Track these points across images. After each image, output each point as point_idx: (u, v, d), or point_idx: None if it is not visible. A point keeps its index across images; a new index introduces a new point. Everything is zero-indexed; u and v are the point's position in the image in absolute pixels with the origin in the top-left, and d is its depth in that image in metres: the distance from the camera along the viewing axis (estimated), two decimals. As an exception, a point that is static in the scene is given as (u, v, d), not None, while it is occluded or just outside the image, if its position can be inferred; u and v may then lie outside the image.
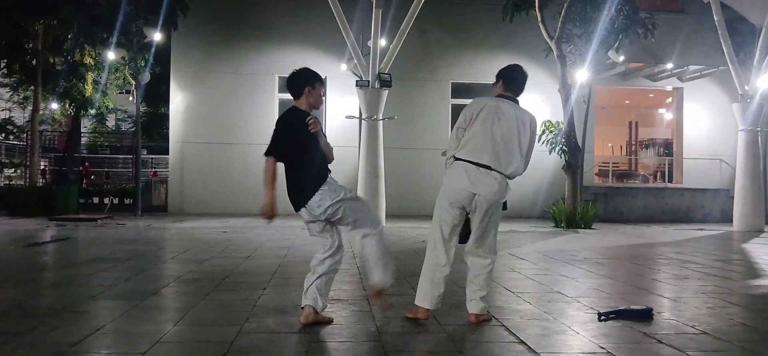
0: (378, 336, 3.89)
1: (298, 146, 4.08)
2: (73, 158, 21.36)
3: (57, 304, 4.78)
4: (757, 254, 9.02)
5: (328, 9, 13.50)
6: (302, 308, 4.13)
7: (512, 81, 4.27)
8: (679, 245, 10.19)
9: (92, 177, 22.24)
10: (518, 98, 4.30)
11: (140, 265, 6.97)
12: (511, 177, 4.17)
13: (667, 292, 5.72)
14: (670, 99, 19.87)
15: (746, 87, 14.27)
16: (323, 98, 4.41)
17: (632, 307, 4.60)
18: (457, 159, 4.12)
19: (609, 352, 3.60)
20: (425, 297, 4.20)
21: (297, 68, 4.35)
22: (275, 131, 4.15)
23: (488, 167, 4.05)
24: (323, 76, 20.11)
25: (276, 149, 4.08)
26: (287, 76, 4.38)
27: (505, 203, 4.21)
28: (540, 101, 16.59)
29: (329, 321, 4.17)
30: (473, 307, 4.21)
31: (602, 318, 4.34)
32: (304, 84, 4.27)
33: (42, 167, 21.23)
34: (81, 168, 21.39)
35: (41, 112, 19.53)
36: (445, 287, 4.25)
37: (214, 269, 6.63)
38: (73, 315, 4.40)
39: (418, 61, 17.25)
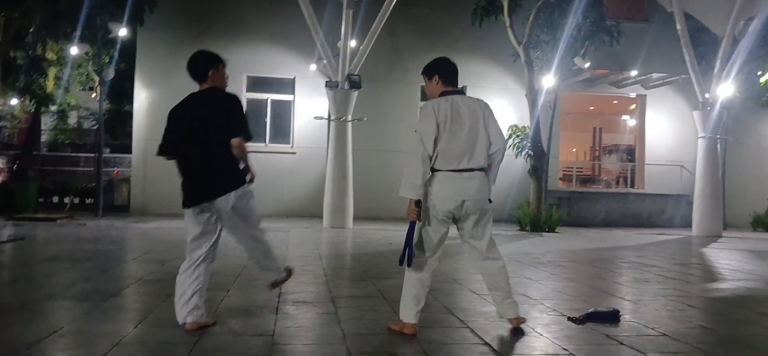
0: (343, 338, 3.87)
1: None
2: (32, 156, 20.79)
3: (13, 303, 4.64)
4: (714, 259, 9.24)
5: (298, 9, 13.44)
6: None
7: (451, 76, 4.15)
8: (640, 249, 10.39)
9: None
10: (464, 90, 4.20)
11: (101, 265, 6.82)
12: (494, 162, 4.06)
13: (629, 295, 5.82)
14: (633, 106, 20.27)
15: (707, 95, 14.63)
16: (228, 79, 4.30)
17: (600, 309, 4.67)
18: (435, 171, 3.95)
19: (572, 354, 3.64)
20: (412, 311, 4.00)
21: (197, 51, 4.25)
22: (244, 113, 4.13)
23: (471, 170, 3.95)
24: (292, 77, 20.10)
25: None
26: (189, 61, 4.33)
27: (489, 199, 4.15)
28: (507, 106, 16.78)
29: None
30: (511, 311, 4.10)
31: (577, 321, 4.38)
32: (208, 67, 4.16)
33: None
34: (16, 165, 20.32)
35: (0, 107, 19.01)
36: (425, 301, 4.11)
37: (177, 270, 6.49)
38: (29, 314, 4.28)
39: (388, 64, 17.28)
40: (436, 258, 4.07)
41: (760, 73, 17.11)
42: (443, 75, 4.14)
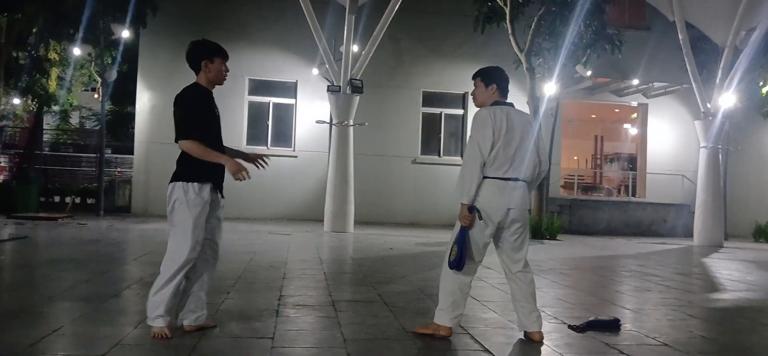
0: (343, 342, 3.87)
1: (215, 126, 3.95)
2: (34, 156, 20.79)
3: (13, 305, 4.64)
4: (716, 269, 9.23)
5: (301, 13, 13.46)
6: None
7: (507, 88, 4.17)
8: (641, 258, 10.37)
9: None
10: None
11: (101, 266, 6.81)
12: (537, 179, 4.16)
13: (630, 304, 5.81)
14: (635, 115, 20.27)
15: (708, 105, 14.62)
16: (226, 74, 4.05)
17: (600, 318, 4.66)
18: (484, 177, 3.95)
19: (572, 362, 3.63)
20: (448, 315, 4.02)
21: (196, 39, 4.07)
22: (190, 110, 3.87)
23: (516, 179, 4.00)
24: (294, 80, 20.00)
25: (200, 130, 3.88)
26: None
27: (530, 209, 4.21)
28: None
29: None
30: (536, 324, 4.07)
31: (578, 329, 4.37)
32: (200, 58, 3.95)
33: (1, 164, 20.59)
34: (16, 164, 20.19)
35: (2, 107, 19.00)
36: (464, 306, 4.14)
37: (178, 272, 6.50)
38: (30, 316, 4.28)
39: (390, 69, 17.30)
40: (478, 264, 4.10)
41: (761, 83, 17.11)
42: (501, 86, 4.16)
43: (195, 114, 3.89)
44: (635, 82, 17.53)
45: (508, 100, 4.22)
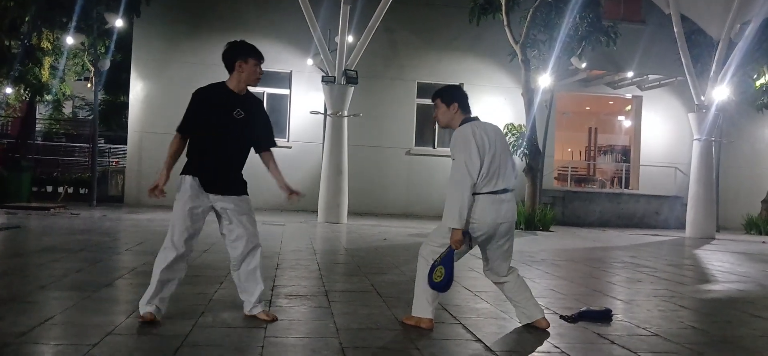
0: (336, 332, 3.87)
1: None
2: (26, 145, 20.68)
3: (4, 294, 4.62)
4: (707, 260, 9.28)
5: (296, 3, 13.41)
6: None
7: (466, 102, 4.18)
8: (633, 250, 10.41)
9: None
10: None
11: (93, 256, 6.79)
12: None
13: (621, 294, 5.83)
14: (629, 107, 20.31)
15: (702, 98, 14.66)
16: (259, 75, 4.11)
17: (592, 308, 4.68)
18: (474, 194, 3.93)
19: (563, 352, 3.65)
20: (430, 307, 4.03)
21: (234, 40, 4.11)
22: (190, 107, 4.01)
23: (506, 191, 4.02)
24: (289, 71, 19.92)
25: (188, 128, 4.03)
26: None
27: None
28: (503, 104, 16.79)
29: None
30: (539, 311, 4.15)
31: (569, 319, 4.40)
32: (235, 58, 4.02)
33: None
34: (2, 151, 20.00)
35: (-6, 96, 18.91)
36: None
37: (171, 261, 6.49)
38: (21, 305, 4.27)
39: (384, 60, 17.26)
40: None
41: (755, 76, 17.16)
42: (463, 104, 4.16)
43: (192, 113, 4.10)
44: (630, 74, 17.56)
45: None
